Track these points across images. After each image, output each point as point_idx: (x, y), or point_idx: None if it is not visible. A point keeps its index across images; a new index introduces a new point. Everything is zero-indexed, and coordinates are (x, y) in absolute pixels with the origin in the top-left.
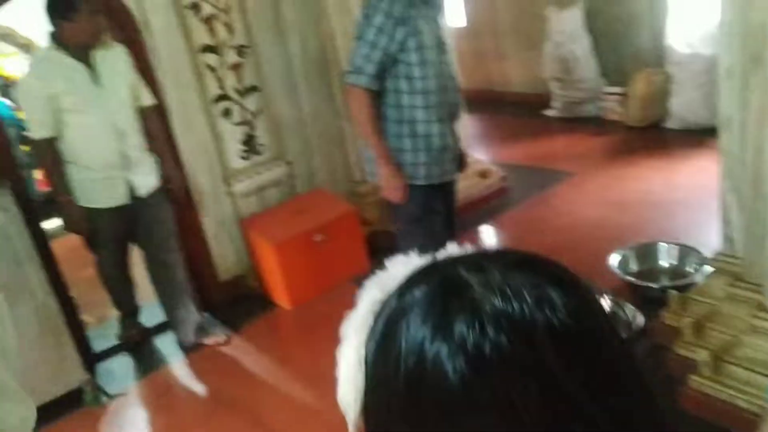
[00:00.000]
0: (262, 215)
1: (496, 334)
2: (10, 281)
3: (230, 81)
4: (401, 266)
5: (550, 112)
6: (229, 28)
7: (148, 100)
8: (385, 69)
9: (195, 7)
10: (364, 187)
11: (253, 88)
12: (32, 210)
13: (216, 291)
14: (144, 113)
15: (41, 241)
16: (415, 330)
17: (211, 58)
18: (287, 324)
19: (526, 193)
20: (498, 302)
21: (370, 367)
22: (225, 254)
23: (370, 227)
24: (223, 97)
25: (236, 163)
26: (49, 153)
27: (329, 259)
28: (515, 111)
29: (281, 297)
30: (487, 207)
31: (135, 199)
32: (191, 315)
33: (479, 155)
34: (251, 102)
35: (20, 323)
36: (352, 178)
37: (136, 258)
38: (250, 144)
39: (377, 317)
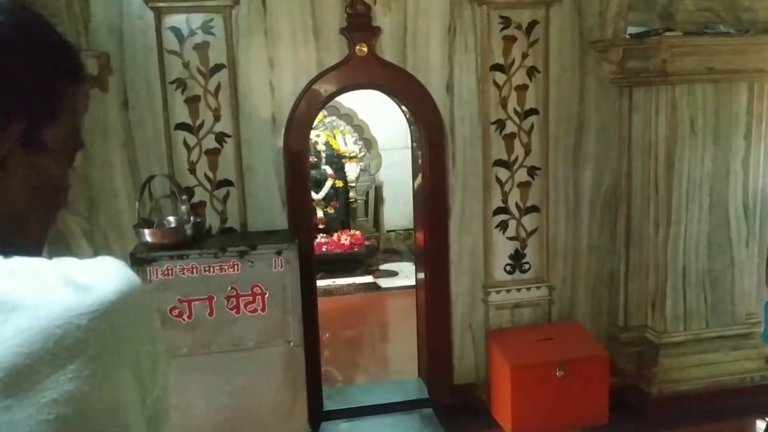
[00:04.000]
0: (510, 332)
1: None
2: (274, 323)
3: (513, 197)
4: None
5: None
6: (526, 148)
7: None
8: None
9: (499, 124)
10: (626, 335)
11: (533, 208)
12: (310, 268)
13: (446, 392)
14: None
15: (310, 295)
16: None
17: (501, 173)
18: None
19: None
20: None
21: None
22: (464, 358)
23: (620, 379)
24: (502, 210)
25: (499, 274)
26: None
27: (566, 398)
28: None
29: (505, 419)
30: None
31: None
32: None
33: None
34: (528, 221)
35: (270, 363)
36: (615, 321)
37: None
38: (517, 260)
39: None
